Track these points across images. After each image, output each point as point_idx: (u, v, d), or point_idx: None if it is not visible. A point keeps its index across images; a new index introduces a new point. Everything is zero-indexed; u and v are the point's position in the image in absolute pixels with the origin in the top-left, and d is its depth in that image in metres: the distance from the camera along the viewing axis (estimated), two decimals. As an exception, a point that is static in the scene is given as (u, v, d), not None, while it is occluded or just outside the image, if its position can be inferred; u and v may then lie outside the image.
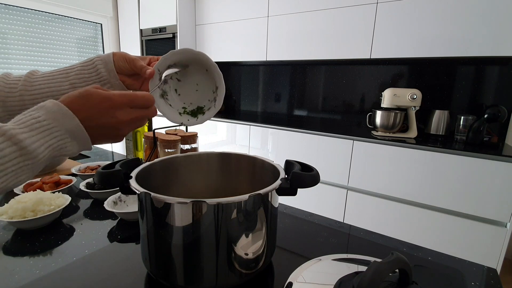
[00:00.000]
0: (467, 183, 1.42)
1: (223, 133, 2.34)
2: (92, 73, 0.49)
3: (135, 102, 0.39)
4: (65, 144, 0.35)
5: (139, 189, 0.39)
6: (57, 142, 0.34)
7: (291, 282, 0.40)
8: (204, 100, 0.57)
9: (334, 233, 0.59)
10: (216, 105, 0.55)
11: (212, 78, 0.55)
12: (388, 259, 0.32)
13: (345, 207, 1.80)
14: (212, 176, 0.58)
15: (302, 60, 2.29)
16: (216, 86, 0.55)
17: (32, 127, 0.33)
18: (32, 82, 0.45)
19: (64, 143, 0.35)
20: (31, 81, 0.45)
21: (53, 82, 0.46)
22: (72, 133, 0.35)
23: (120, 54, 0.51)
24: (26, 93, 0.44)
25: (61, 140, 0.35)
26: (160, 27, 2.60)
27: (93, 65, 0.49)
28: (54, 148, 0.34)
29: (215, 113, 0.56)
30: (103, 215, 0.63)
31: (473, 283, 0.45)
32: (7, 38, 2.30)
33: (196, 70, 0.55)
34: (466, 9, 1.50)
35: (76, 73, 0.48)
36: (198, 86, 0.56)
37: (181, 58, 0.53)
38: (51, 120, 0.34)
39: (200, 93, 0.57)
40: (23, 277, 0.42)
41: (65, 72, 0.48)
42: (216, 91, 0.56)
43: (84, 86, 0.48)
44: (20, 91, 0.44)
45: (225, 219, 0.37)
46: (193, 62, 0.54)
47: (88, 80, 0.49)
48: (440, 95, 1.87)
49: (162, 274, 0.40)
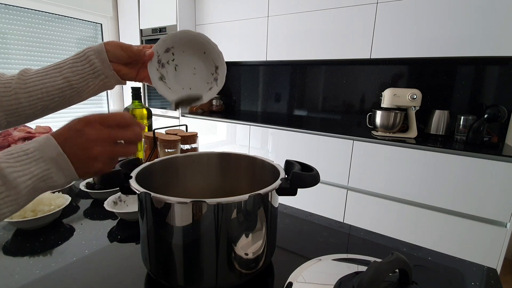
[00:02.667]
0: (467, 183, 1.42)
1: (223, 133, 2.34)
2: (85, 65, 0.48)
3: (106, 119, 0.37)
4: (50, 174, 0.34)
5: (139, 189, 0.39)
6: (41, 173, 0.33)
7: (291, 282, 0.40)
8: (203, 83, 0.57)
9: (334, 233, 0.59)
10: (218, 84, 0.56)
11: (211, 60, 0.56)
12: (388, 259, 0.32)
13: (345, 207, 1.80)
14: (212, 176, 0.58)
15: (302, 60, 2.28)
16: (216, 66, 0.56)
17: (18, 158, 0.32)
18: (25, 80, 0.45)
19: (49, 173, 0.33)
20: (24, 79, 0.45)
21: (47, 77, 0.46)
22: (56, 162, 0.34)
23: (114, 43, 0.50)
24: (21, 91, 0.44)
25: (45, 170, 0.33)
26: (160, 27, 2.60)
27: (85, 56, 0.48)
28: (39, 178, 0.33)
29: (218, 91, 0.57)
30: (103, 215, 0.63)
31: (473, 283, 0.45)
32: (7, 38, 2.30)
33: (193, 54, 0.55)
34: (466, 9, 1.50)
35: (69, 66, 0.47)
36: (195, 70, 0.56)
37: (179, 39, 0.53)
38: (37, 151, 0.33)
39: (198, 76, 0.57)
40: (23, 277, 0.42)
41: (58, 66, 0.47)
42: (216, 70, 0.56)
43: (78, 78, 0.47)
44: (14, 89, 0.44)
45: (225, 219, 0.37)
46: (191, 45, 0.54)
47: (82, 72, 0.47)
48: (440, 95, 1.87)
49: (162, 274, 0.40)
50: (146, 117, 0.99)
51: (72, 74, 0.47)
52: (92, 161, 0.36)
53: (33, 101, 0.45)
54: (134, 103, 0.97)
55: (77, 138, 0.35)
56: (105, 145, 0.36)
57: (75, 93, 0.48)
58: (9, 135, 0.85)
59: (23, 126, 0.90)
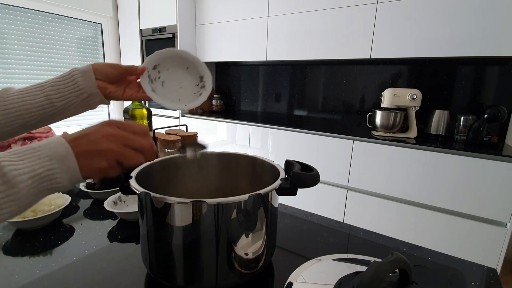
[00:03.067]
0: (467, 183, 1.42)
1: (223, 133, 2.34)
2: (68, 83, 0.48)
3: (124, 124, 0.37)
4: (55, 175, 0.32)
5: (139, 189, 0.39)
6: (44, 172, 0.31)
7: (291, 282, 0.40)
8: (191, 94, 0.62)
9: (334, 233, 0.59)
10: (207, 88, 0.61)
11: (195, 73, 0.61)
12: (388, 259, 0.32)
13: (345, 207, 1.80)
14: (212, 176, 0.58)
15: (302, 60, 2.28)
16: (201, 76, 0.61)
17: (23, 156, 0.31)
18: (5, 98, 0.45)
19: (53, 173, 0.31)
20: (4, 97, 0.45)
21: (27, 95, 0.46)
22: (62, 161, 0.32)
23: (103, 63, 0.52)
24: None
25: (49, 170, 0.31)
26: (160, 27, 2.60)
27: (69, 75, 0.49)
28: (41, 178, 0.31)
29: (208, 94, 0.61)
30: (103, 215, 0.63)
31: (473, 283, 0.45)
32: (7, 38, 2.30)
33: (178, 70, 0.61)
34: (466, 9, 1.50)
35: (51, 85, 0.48)
36: (182, 84, 0.61)
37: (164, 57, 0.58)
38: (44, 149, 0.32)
39: (184, 89, 0.61)
40: (23, 277, 0.42)
41: (40, 85, 0.47)
42: (202, 79, 0.62)
43: (60, 96, 0.48)
44: None
45: (225, 219, 0.37)
46: (175, 61, 0.59)
47: (64, 90, 0.48)
48: (440, 95, 1.87)
49: (162, 274, 0.40)
50: (146, 117, 0.99)
51: (53, 92, 0.47)
52: (98, 157, 0.34)
53: (10, 118, 0.45)
54: (134, 103, 0.97)
55: (91, 134, 0.35)
56: (116, 144, 0.35)
57: (56, 111, 0.49)
58: (9, 135, 0.85)
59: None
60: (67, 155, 0.33)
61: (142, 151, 0.38)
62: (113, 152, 0.35)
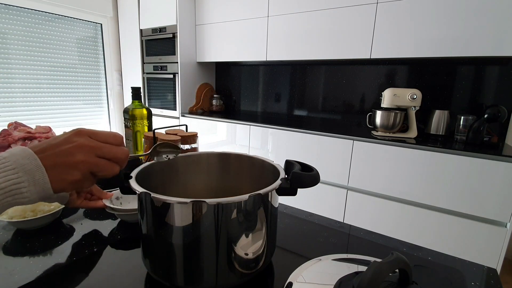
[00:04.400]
0: (467, 183, 1.42)
1: (223, 133, 2.34)
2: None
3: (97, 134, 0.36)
4: (21, 189, 0.30)
5: (139, 189, 0.38)
6: (10, 186, 0.30)
7: (291, 282, 0.40)
8: None
9: (334, 233, 0.59)
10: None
11: None
12: (388, 259, 0.32)
13: (345, 207, 1.80)
14: (212, 176, 0.58)
15: (302, 60, 2.29)
16: None
17: None
18: None
19: (19, 187, 0.30)
20: None
21: None
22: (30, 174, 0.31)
23: None
24: None
25: (15, 184, 0.30)
26: (160, 27, 2.60)
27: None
28: (6, 192, 0.29)
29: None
30: (103, 215, 0.63)
31: (473, 283, 0.45)
32: (7, 38, 2.30)
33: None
34: (466, 9, 1.50)
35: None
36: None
37: None
38: (7, 160, 0.30)
39: None
40: (23, 277, 0.42)
41: None
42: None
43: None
44: None
45: (225, 219, 0.37)
46: None
47: None
48: (440, 95, 1.87)
49: (162, 274, 0.40)
50: (146, 117, 0.99)
51: None
52: (71, 169, 0.33)
53: None
54: (134, 103, 0.97)
55: (62, 145, 0.33)
56: (89, 155, 0.34)
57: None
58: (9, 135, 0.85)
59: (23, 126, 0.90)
60: (36, 168, 0.31)
61: (116, 161, 0.37)
62: (86, 163, 0.34)
